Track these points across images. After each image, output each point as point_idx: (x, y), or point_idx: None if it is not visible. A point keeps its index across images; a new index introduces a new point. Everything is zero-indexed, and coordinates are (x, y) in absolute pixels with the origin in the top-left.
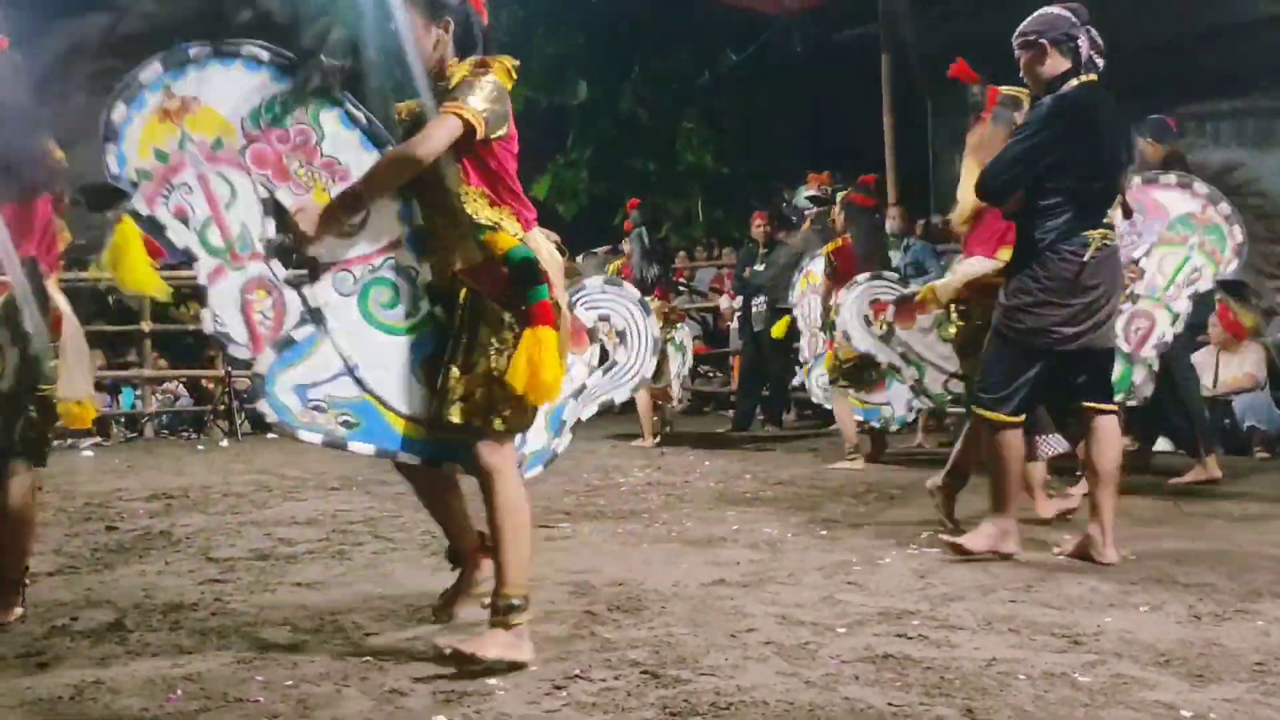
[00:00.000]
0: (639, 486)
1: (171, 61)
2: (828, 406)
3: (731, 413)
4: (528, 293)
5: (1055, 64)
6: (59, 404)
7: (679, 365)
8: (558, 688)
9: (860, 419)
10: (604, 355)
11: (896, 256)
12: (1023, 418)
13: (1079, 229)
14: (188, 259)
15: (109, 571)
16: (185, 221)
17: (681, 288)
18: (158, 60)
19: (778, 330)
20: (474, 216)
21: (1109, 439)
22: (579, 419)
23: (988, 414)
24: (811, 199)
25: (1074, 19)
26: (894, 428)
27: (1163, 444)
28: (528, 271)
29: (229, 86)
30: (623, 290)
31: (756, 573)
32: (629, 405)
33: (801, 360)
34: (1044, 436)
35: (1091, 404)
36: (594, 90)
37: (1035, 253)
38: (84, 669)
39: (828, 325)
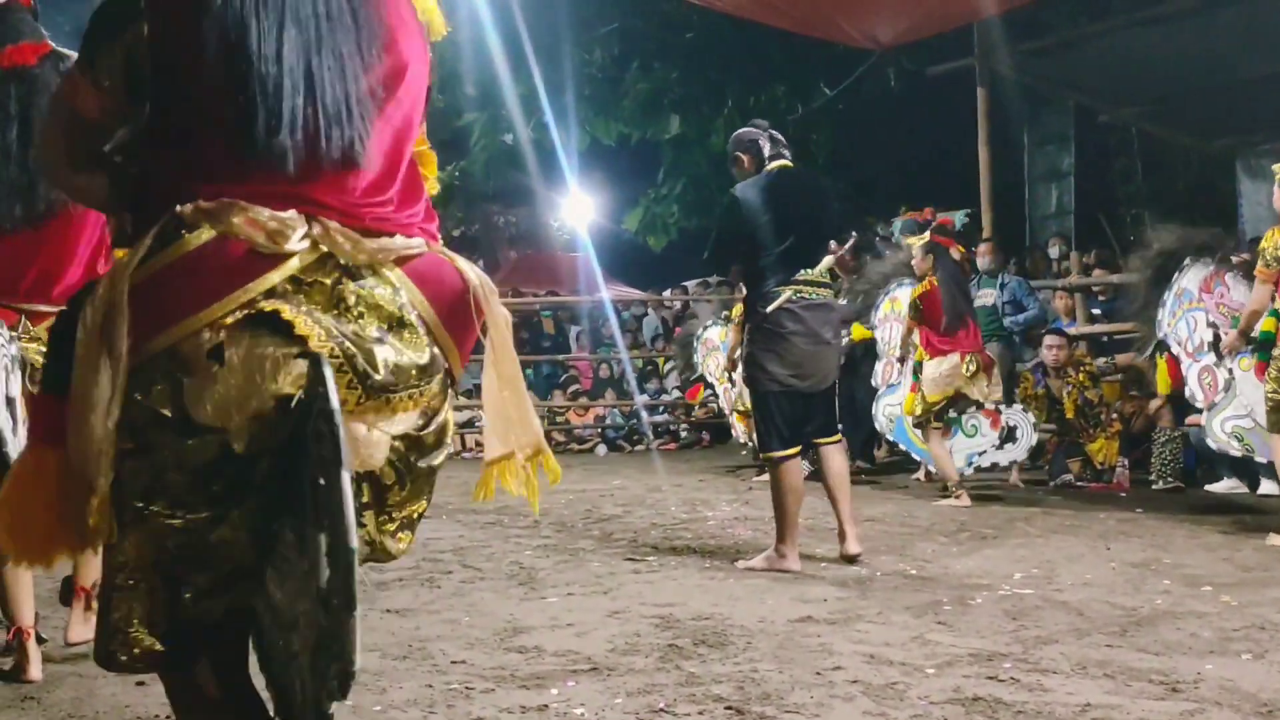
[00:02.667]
0: (726, 521)
1: None
2: (890, 438)
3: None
4: None
5: (749, 164)
6: None
7: (730, 402)
8: None
9: (918, 458)
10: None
11: (992, 294)
12: (796, 450)
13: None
14: None
15: None
16: None
17: None
18: None
19: (858, 333)
20: None
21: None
22: None
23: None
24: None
25: (753, 129)
26: (954, 478)
27: (1269, 487)
28: None
29: None
30: None
31: (844, 610)
32: (721, 435)
33: (873, 384)
34: None
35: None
36: (686, 124)
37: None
38: None
39: (913, 368)
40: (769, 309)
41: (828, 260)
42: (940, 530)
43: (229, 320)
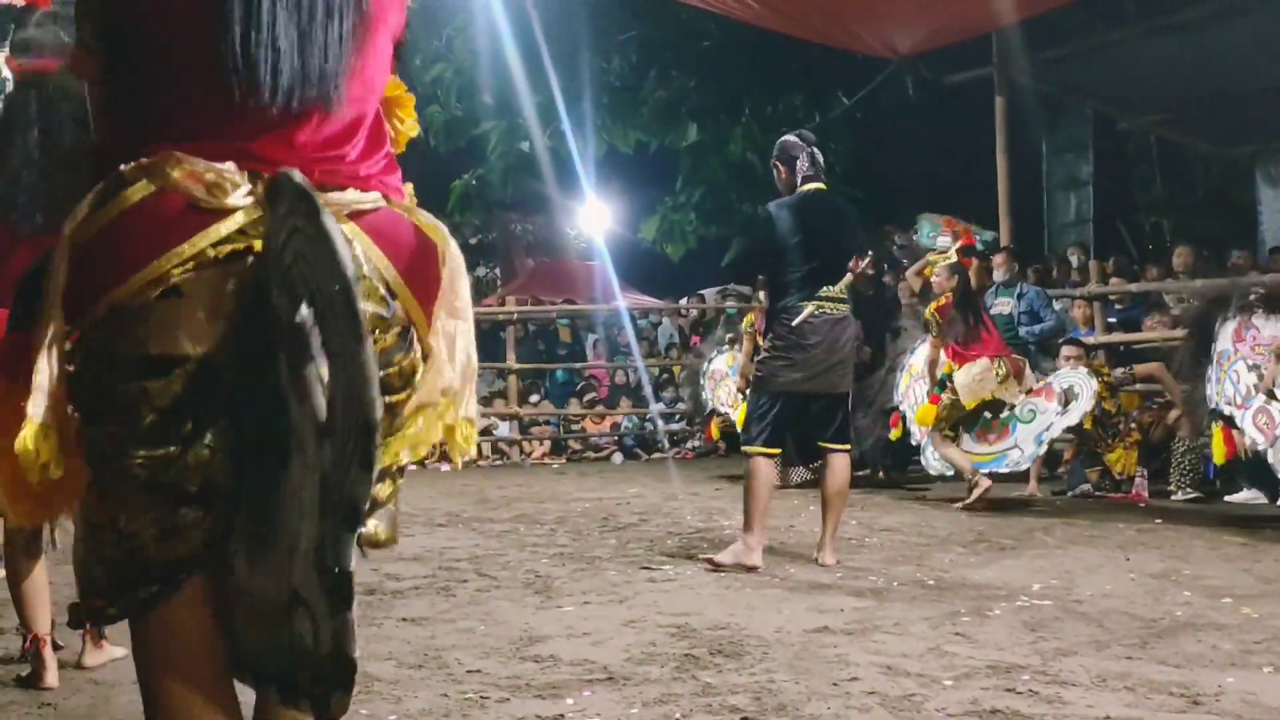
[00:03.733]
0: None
1: None
2: (949, 474)
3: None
4: None
5: (786, 177)
6: None
7: None
8: None
9: (986, 471)
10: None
11: (1009, 304)
12: (776, 451)
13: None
14: None
15: None
16: None
17: None
18: None
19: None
20: None
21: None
22: None
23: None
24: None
25: (800, 143)
26: (1027, 464)
27: None
28: None
29: None
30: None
31: (861, 621)
32: (737, 443)
33: (895, 404)
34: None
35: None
36: (704, 132)
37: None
38: None
39: (940, 381)
40: (794, 322)
41: (848, 278)
42: (958, 540)
43: (177, 277)
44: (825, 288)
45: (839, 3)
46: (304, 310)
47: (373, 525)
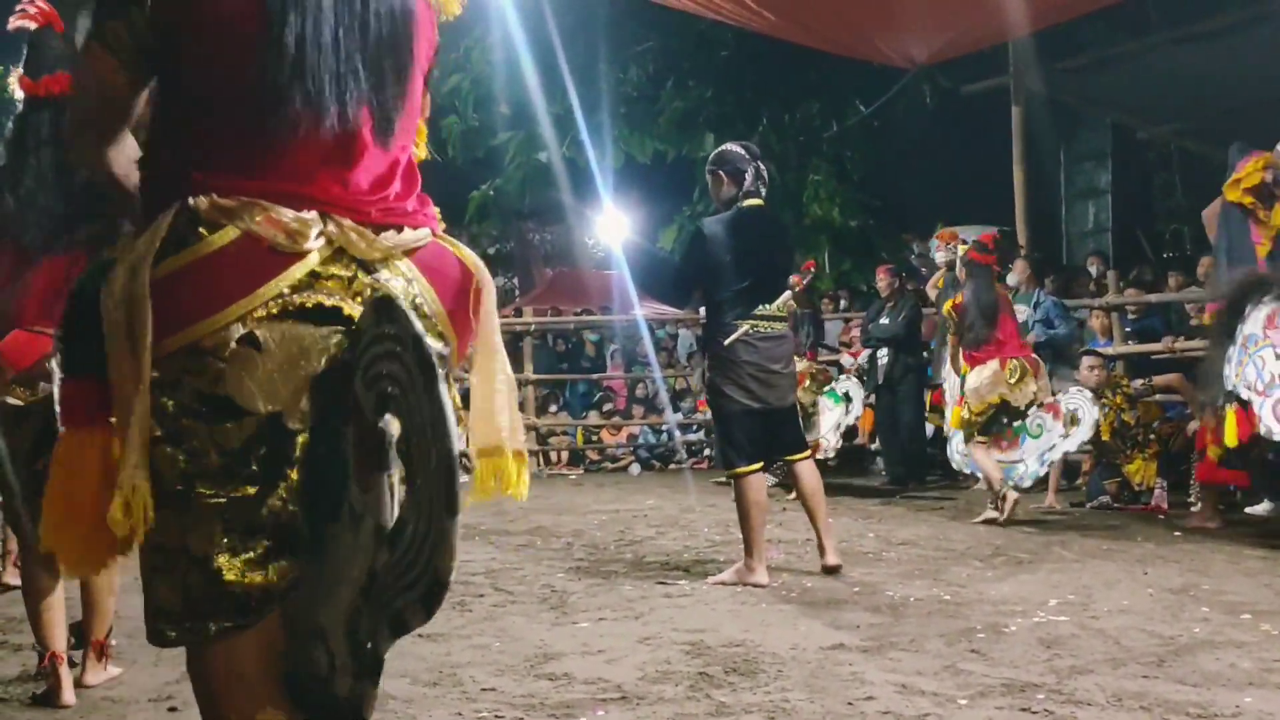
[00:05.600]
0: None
1: None
2: (968, 471)
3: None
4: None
5: (727, 188)
6: None
7: (839, 417)
8: None
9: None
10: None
11: (1024, 311)
12: (758, 465)
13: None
14: None
15: None
16: None
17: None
18: None
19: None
20: None
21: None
22: None
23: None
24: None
25: (747, 155)
26: (1027, 483)
27: None
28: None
29: None
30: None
31: (877, 637)
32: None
33: (939, 381)
34: None
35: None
36: (721, 142)
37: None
38: None
39: (960, 383)
40: (727, 341)
41: (785, 295)
42: (975, 554)
43: (258, 314)
44: (761, 306)
45: (856, 14)
46: (392, 424)
47: None
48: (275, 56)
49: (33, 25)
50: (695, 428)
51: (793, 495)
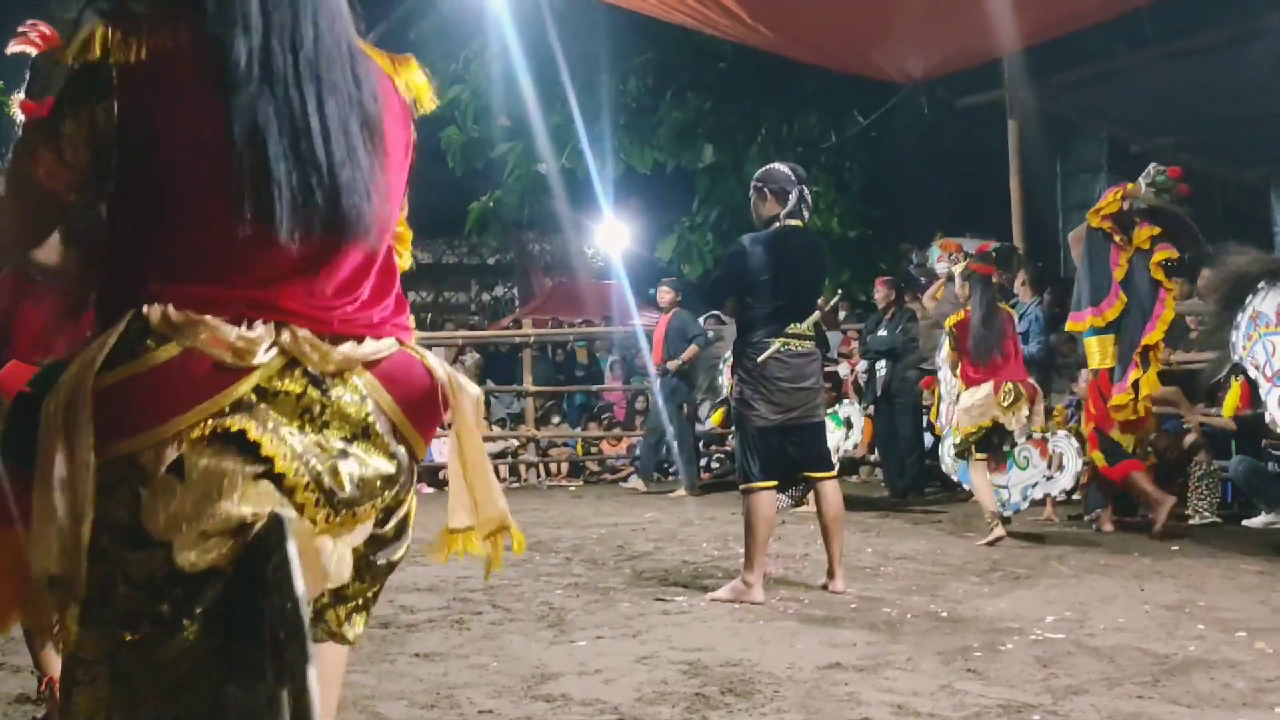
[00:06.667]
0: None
1: None
2: (954, 478)
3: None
4: None
5: (770, 207)
6: None
7: (838, 440)
8: None
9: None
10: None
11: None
12: (773, 483)
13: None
14: None
15: None
16: None
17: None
18: None
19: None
20: None
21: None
22: None
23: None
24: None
25: (793, 177)
26: (1008, 513)
27: None
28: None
29: None
30: None
31: (873, 656)
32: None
33: (939, 425)
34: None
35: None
36: (720, 154)
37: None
38: None
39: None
40: (759, 358)
41: (815, 316)
42: (973, 570)
43: (194, 434)
44: (792, 325)
45: (852, 30)
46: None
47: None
48: (235, 168)
49: (34, 51)
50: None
51: (801, 508)
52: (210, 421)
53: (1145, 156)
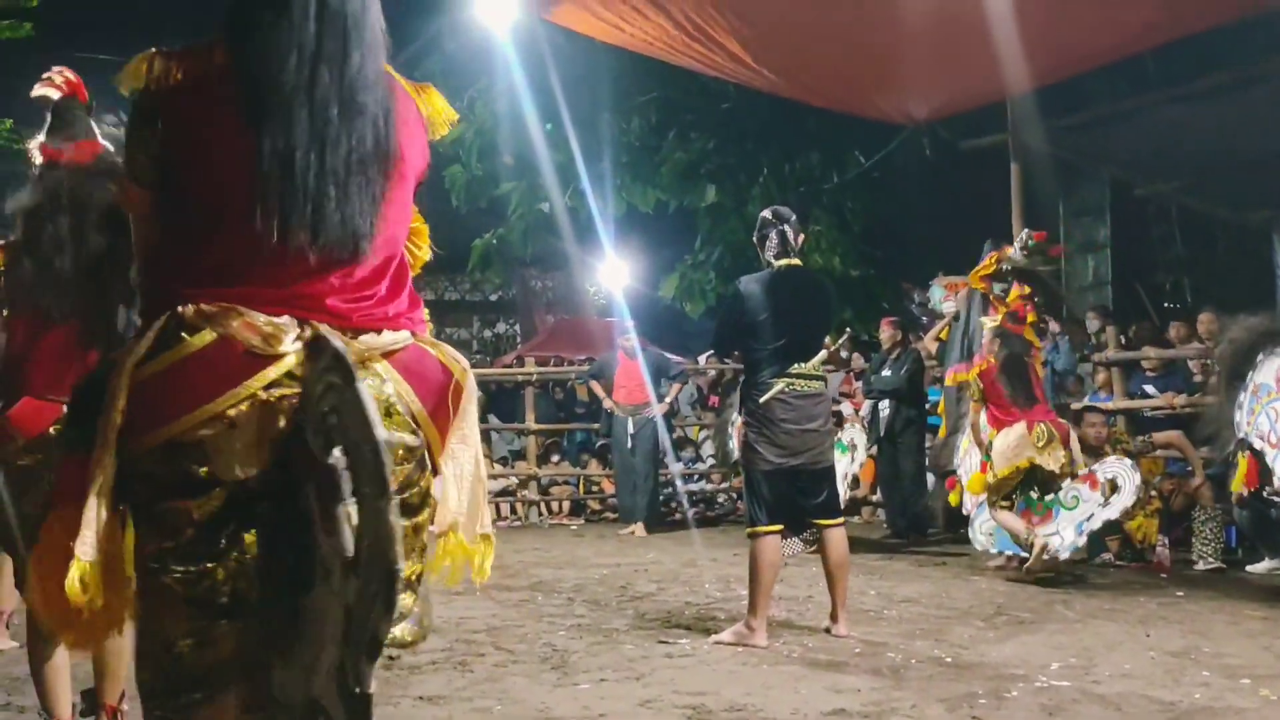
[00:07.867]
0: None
1: None
2: (994, 550)
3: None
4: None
5: (763, 253)
6: None
7: (845, 466)
8: None
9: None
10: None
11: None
12: (779, 527)
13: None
14: None
15: None
16: None
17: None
18: None
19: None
20: None
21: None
22: None
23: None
24: None
25: (772, 220)
26: (1064, 555)
27: None
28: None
29: None
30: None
31: (878, 702)
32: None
33: (954, 467)
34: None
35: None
36: (722, 193)
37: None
38: None
39: (984, 447)
40: (763, 399)
41: (821, 355)
42: (978, 614)
43: (231, 413)
44: (796, 365)
45: (855, 72)
46: (337, 454)
47: (399, 630)
48: (266, 184)
49: (56, 95)
50: (697, 478)
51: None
52: (248, 401)
53: (1148, 199)
